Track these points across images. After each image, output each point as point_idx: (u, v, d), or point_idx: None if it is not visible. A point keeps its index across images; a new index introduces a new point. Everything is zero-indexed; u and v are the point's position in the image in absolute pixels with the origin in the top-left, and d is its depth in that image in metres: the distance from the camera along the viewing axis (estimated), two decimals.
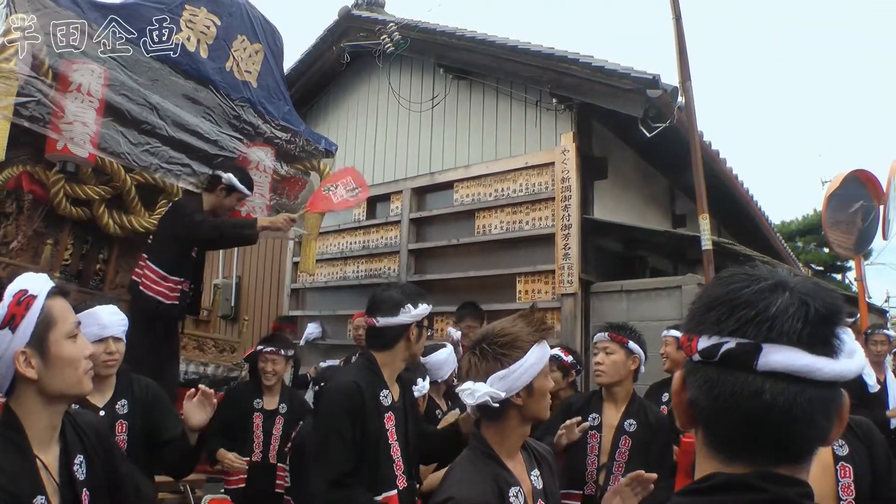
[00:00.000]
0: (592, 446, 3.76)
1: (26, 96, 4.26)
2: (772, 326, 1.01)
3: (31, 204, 5.06)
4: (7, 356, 1.89)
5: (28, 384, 1.93)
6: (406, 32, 9.20)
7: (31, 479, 1.88)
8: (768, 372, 1.00)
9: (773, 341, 1.01)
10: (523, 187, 8.27)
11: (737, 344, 1.03)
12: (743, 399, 1.02)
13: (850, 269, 20.92)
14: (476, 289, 8.24)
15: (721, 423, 1.06)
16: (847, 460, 2.93)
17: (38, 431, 1.96)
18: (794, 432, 1.01)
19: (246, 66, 5.97)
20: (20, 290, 1.94)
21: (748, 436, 1.03)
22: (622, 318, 7.13)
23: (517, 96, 8.51)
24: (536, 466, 2.32)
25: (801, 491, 1.01)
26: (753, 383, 1.01)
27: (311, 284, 10.57)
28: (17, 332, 1.90)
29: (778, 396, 0.99)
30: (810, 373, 0.99)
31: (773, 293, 1.04)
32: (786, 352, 1.00)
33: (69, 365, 1.99)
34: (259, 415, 4.98)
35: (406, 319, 3.12)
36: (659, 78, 6.85)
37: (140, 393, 3.53)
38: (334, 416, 2.93)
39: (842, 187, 8.33)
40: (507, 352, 2.19)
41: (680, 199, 10.78)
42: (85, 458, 2.09)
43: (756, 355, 1.01)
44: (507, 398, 2.17)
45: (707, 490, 1.05)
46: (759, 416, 1.01)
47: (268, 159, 6.11)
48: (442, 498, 2.05)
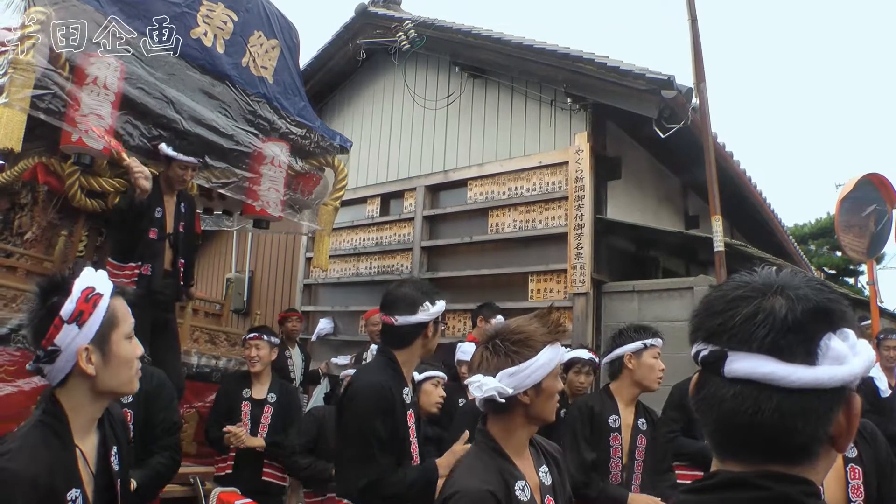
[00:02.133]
0: (615, 449, 3.82)
1: (43, 89, 4.29)
2: (734, 334, 1.04)
3: (45, 195, 5.09)
4: (70, 350, 1.92)
5: (83, 379, 1.96)
6: (422, 30, 9.20)
7: (67, 470, 1.90)
8: (734, 378, 1.03)
9: (735, 349, 1.04)
10: (537, 186, 8.26)
11: (709, 351, 1.08)
12: (715, 403, 1.06)
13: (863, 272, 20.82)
14: (488, 287, 8.25)
15: (708, 423, 1.10)
16: (857, 462, 2.95)
17: (81, 423, 1.99)
18: (772, 436, 1.02)
19: (262, 61, 5.98)
20: (88, 286, 1.97)
21: (731, 437, 1.06)
22: (633, 319, 7.14)
23: (532, 95, 8.51)
24: (545, 463, 2.33)
25: (805, 489, 1.02)
26: (721, 389, 1.05)
27: (324, 280, 10.60)
28: (84, 329, 1.93)
29: (741, 403, 1.02)
30: (775, 380, 1.00)
31: (744, 301, 1.06)
32: (749, 359, 1.02)
33: (125, 364, 2.04)
34: (247, 403, 5.10)
35: (424, 318, 3.12)
36: (674, 79, 6.83)
37: (145, 383, 3.56)
38: (369, 418, 2.92)
39: (855, 190, 8.27)
40: (518, 349, 2.20)
41: (693, 200, 10.75)
42: (117, 449, 2.13)
43: (722, 362, 1.04)
44: (514, 395, 2.18)
45: (711, 487, 1.07)
46: (727, 419, 1.04)
47: (283, 155, 6.11)
48: (450, 492, 2.07)
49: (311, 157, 6.58)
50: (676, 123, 7.08)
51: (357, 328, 9.82)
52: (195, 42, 5.37)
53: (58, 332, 1.90)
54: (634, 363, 3.88)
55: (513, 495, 2.08)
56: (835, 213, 8.50)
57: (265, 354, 5.15)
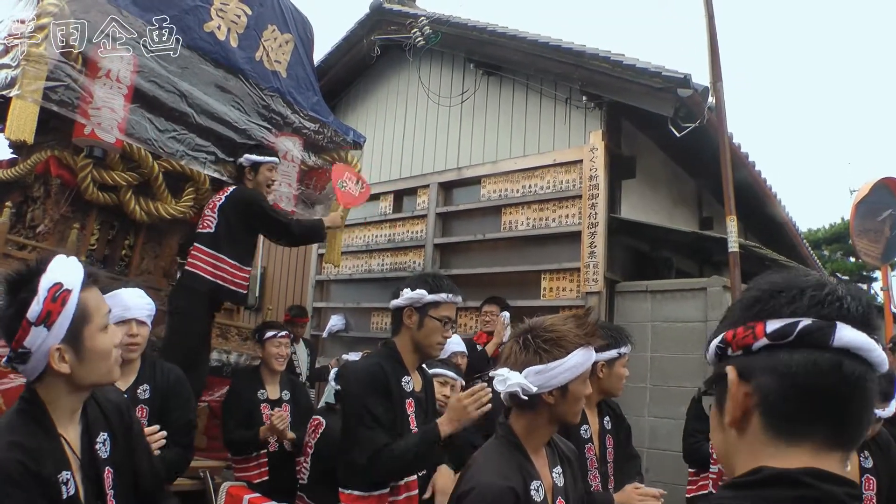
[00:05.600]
0: (591, 460, 3.49)
1: (55, 81, 4.29)
2: (842, 305, 1.06)
3: (58, 188, 5.09)
4: (41, 351, 1.87)
5: (58, 376, 1.92)
6: (437, 27, 9.19)
7: (55, 456, 1.88)
8: (841, 348, 1.04)
9: (843, 319, 1.05)
10: (551, 184, 8.23)
11: (812, 321, 1.06)
12: (820, 374, 1.04)
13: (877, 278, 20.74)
14: (501, 284, 8.21)
15: (790, 401, 1.07)
16: (872, 473, 2.94)
17: (62, 413, 1.96)
18: (855, 412, 1.05)
19: (276, 55, 5.97)
20: (55, 283, 1.90)
21: (814, 413, 1.05)
22: (646, 319, 7.12)
23: (547, 93, 8.47)
24: (559, 464, 2.30)
25: (850, 492, 1.01)
26: (831, 359, 1.04)
27: (336, 276, 10.58)
28: (53, 330, 1.88)
29: (854, 371, 1.03)
30: (869, 352, 1.04)
31: (826, 284, 1.10)
32: (854, 330, 1.04)
33: (102, 358, 1.99)
34: (266, 405, 5.02)
35: (401, 302, 3.13)
36: (690, 77, 6.78)
37: (162, 379, 3.55)
38: (363, 395, 2.95)
39: (871, 195, 8.23)
40: (548, 348, 2.18)
41: (707, 201, 10.69)
42: (109, 436, 2.09)
43: (832, 331, 1.04)
44: (539, 394, 2.16)
45: (755, 484, 1.04)
46: (833, 390, 1.04)
47: (296, 149, 6.11)
48: (468, 487, 2.04)
49: (324, 153, 6.58)
50: (692, 123, 7.03)
51: (369, 325, 9.82)
52: (208, 35, 5.37)
53: (26, 336, 1.86)
54: (605, 372, 3.55)
55: (528, 494, 2.05)
56: (850, 217, 8.46)
57: (287, 353, 5.18)
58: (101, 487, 2.03)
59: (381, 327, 9.47)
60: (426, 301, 3.10)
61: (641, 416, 6.88)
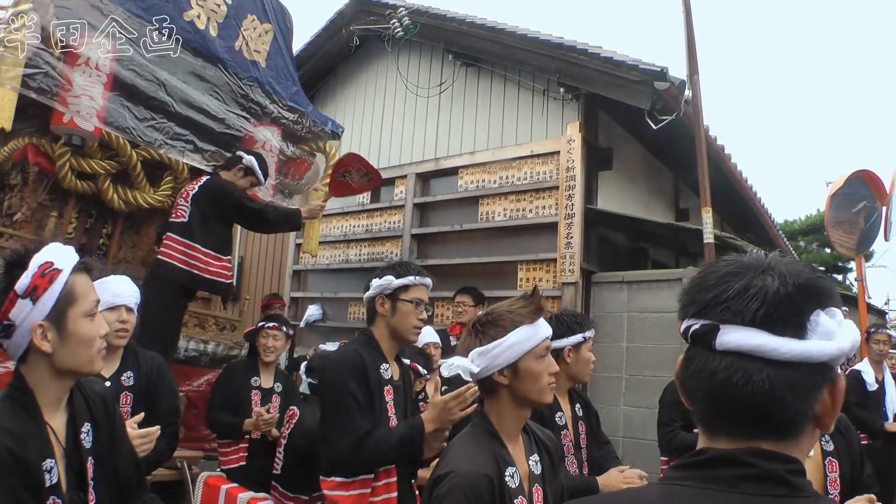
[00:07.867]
0: (568, 446, 3.45)
1: (34, 68, 4.27)
2: (727, 307, 1.06)
3: (36, 176, 5.06)
4: (24, 326, 1.88)
5: (41, 356, 1.93)
6: (416, 17, 9.21)
7: (40, 442, 1.88)
8: (726, 351, 1.05)
9: (728, 322, 1.06)
10: (528, 175, 8.28)
11: (700, 325, 1.09)
12: (705, 377, 1.08)
13: (851, 269, 20.96)
14: (478, 275, 8.24)
15: (697, 399, 1.12)
16: (834, 455, 3.02)
17: (47, 399, 1.96)
18: (762, 409, 1.04)
19: (255, 45, 5.95)
20: (46, 261, 1.93)
21: (721, 411, 1.08)
22: (622, 309, 7.18)
23: (525, 85, 8.51)
24: (536, 452, 2.31)
25: (790, 468, 1.04)
26: (712, 362, 1.07)
27: (314, 266, 10.60)
28: (38, 304, 1.89)
29: (733, 374, 1.04)
30: (766, 352, 1.02)
31: (737, 276, 1.09)
32: (741, 331, 1.04)
33: (84, 344, 1.98)
34: (257, 392, 5.03)
35: (372, 292, 3.17)
36: (667, 70, 6.84)
37: (146, 366, 3.56)
38: (343, 380, 2.96)
39: (845, 186, 8.32)
40: (485, 329, 2.22)
41: (684, 193, 10.79)
42: (92, 427, 2.10)
43: (714, 335, 1.06)
44: (489, 376, 2.20)
45: (700, 464, 1.08)
46: (718, 392, 1.06)
47: (274, 139, 6.10)
48: (444, 471, 2.05)
49: (302, 143, 6.57)
50: (669, 115, 7.10)
51: (346, 315, 9.83)
52: (188, 24, 5.34)
53: (12, 307, 1.87)
54: (573, 357, 3.54)
55: (503, 481, 2.08)
56: (825, 209, 8.55)
57: (280, 346, 5.14)
58: (84, 478, 2.03)
59: (359, 317, 9.48)
60: (395, 286, 3.14)
61: (616, 406, 6.93)
